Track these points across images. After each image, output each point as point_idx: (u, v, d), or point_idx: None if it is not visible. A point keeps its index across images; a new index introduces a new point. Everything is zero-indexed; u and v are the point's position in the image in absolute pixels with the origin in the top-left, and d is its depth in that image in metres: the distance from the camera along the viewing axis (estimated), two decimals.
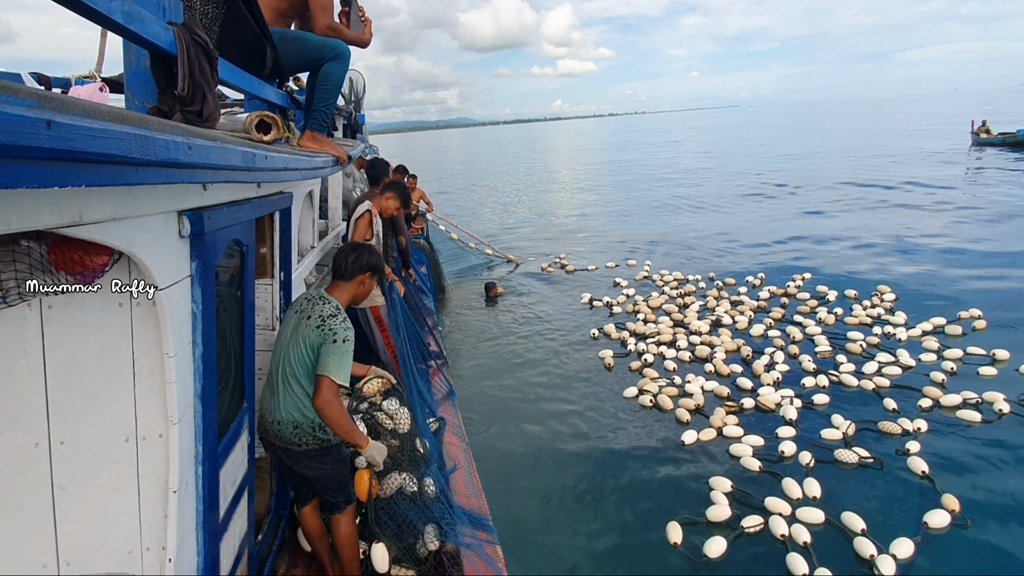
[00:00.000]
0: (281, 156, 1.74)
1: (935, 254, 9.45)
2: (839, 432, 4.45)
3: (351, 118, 6.59)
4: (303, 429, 2.39)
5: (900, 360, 5.55)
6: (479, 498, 3.11)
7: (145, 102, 1.64)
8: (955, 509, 3.58)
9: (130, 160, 0.77)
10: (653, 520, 3.71)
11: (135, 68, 1.61)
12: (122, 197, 1.20)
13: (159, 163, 0.87)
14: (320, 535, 2.70)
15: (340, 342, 2.31)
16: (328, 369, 2.27)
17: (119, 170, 0.80)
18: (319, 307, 2.41)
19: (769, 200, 16.03)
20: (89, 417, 1.57)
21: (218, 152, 1.13)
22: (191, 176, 1.13)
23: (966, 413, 4.64)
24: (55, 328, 1.51)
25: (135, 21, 1.27)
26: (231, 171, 1.35)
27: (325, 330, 2.32)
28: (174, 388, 1.60)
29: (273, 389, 2.42)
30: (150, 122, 0.85)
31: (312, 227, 3.94)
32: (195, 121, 1.58)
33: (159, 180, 0.99)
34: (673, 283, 8.57)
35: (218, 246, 1.81)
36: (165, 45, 1.46)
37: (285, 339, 2.43)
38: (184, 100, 1.56)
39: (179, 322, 1.62)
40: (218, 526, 1.95)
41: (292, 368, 2.36)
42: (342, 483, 2.57)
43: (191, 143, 0.96)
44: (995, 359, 5.48)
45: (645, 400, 5.17)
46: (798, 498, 3.73)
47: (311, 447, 2.41)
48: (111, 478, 1.61)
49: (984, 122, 27.06)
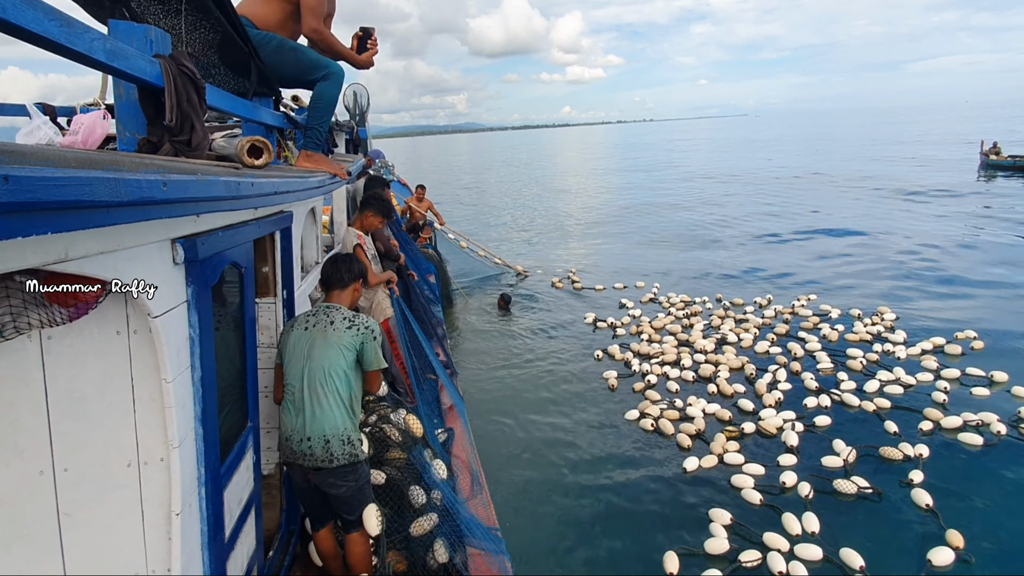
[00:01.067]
0: (270, 181, 1.77)
1: (936, 279, 9.38)
2: (840, 459, 4.41)
3: (352, 133, 6.62)
4: (333, 444, 2.43)
5: (900, 379, 5.53)
6: (488, 509, 3.11)
7: (136, 134, 1.67)
8: (959, 546, 3.51)
9: (99, 204, 0.80)
10: (652, 548, 3.72)
11: (125, 101, 1.64)
12: (109, 231, 1.23)
13: (131, 203, 0.89)
14: (335, 555, 2.74)
15: (378, 336, 2.59)
16: (380, 362, 2.57)
17: (89, 214, 0.82)
18: (336, 313, 2.58)
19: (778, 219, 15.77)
20: (91, 444, 1.61)
21: (197, 185, 1.15)
22: (170, 211, 1.15)
23: (967, 436, 4.60)
24: (55, 359, 1.55)
25: (118, 58, 1.30)
26: (214, 201, 1.37)
27: (361, 329, 2.54)
28: (173, 412, 1.63)
29: (298, 408, 2.47)
30: (121, 163, 0.87)
31: (316, 243, 3.97)
32: (184, 151, 1.61)
33: (135, 219, 1.01)
34: (680, 304, 8.53)
35: (214, 270, 1.84)
36: (151, 78, 1.49)
37: (301, 354, 2.50)
38: (173, 131, 1.59)
39: (176, 347, 1.65)
40: (224, 546, 1.98)
41: (324, 378, 2.44)
42: (362, 501, 2.60)
43: (166, 180, 0.98)
44: (993, 381, 5.46)
45: (646, 424, 5.16)
46: (797, 534, 3.69)
47: (341, 463, 2.45)
48: (115, 503, 1.65)
49: (995, 143, 25.42)
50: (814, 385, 5.54)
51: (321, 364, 2.45)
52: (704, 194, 21.32)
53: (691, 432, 4.94)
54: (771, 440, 4.85)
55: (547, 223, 18.60)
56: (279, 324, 2.87)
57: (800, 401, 5.32)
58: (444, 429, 3.84)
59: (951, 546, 3.50)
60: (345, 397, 2.48)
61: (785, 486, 4.16)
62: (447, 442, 3.71)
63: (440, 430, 3.81)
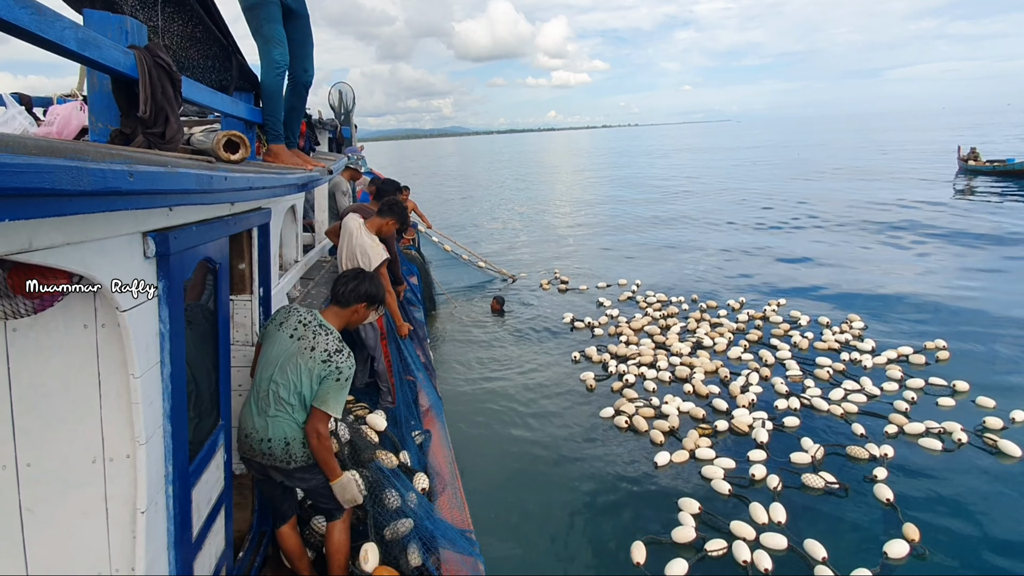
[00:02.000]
0: (245, 176, 1.75)
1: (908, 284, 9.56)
2: (808, 456, 4.53)
3: (336, 132, 6.59)
4: (294, 446, 2.40)
5: (864, 389, 5.65)
6: (462, 511, 3.10)
7: (109, 125, 1.65)
8: (915, 539, 3.62)
9: (61, 192, 0.78)
10: (620, 539, 3.76)
11: (98, 91, 1.62)
12: (76, 222, 1.21)
13: (94, 193, 0.88)
14: (300, 554, 2.69)
15: (344, 381, 2.41)
16: (327, 404, 2.37)
17: (50, 202, 0.81)
18: (322, 339, 2.44)
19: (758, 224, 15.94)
20: (56, 439, 1.57)
21: (166, 177, 1.14)
22: (137, 203, 1.14)
23: (928, 441, 4.74)
24: (20, 351, 1.52)
25: (90, 47, 1.28)
26: (185, 195, 1.36)
27: (332, 367, 2.39)
28: (140, 408, 1.61)
29: (261, 408, 2.42)
30: (85, 152, 0.86)
31: (296, 241, 3.95)
32: (157, 143, 1.59)
33: (100, 209, 1.00)
34: (656, 304, 8.62)
35: (186, 265, 1.82)
36: (125, 69, 1.48)
37: (277, 359, 2.43)
38: (146, 122, 1.58)
39: (145, 342, 1.62)
40: (191, 545, 1.95)
41: (288, 390, 2.38)
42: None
43: (133, 170, 0.97)
44: (955, 391, 5.60)
45: (621, 421, 5.22)
46: (764, 523, 3.77)
47: (299, 464, 2.43)
48: (79, 500, 1.61)
49: (973, 149, 25.35)
50: (784, 389, 5.64)
51: (291, 380, 2.38)
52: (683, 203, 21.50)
53: (664, 429, 5.01)
54: (743, 438, 4.94)
55: (529, 224, 18.70)
56: (255, 322, 2.84)
57: (771, 404, 5.43)
58: (422, 431, 3.83)
59: (907, 539, 3.61)
60: (298, 420, 2.41)
61: (755, 478, 4.24)
62: (424, 444, 3.70)
63: (417, 432, 3.80)
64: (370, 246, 3.95)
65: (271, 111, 2.89)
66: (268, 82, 2.85)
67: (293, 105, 2.94)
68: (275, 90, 2.86)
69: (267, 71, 2.83)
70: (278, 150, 2.95)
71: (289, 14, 2.90)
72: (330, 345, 2.43)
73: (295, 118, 2.97)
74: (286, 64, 2.83)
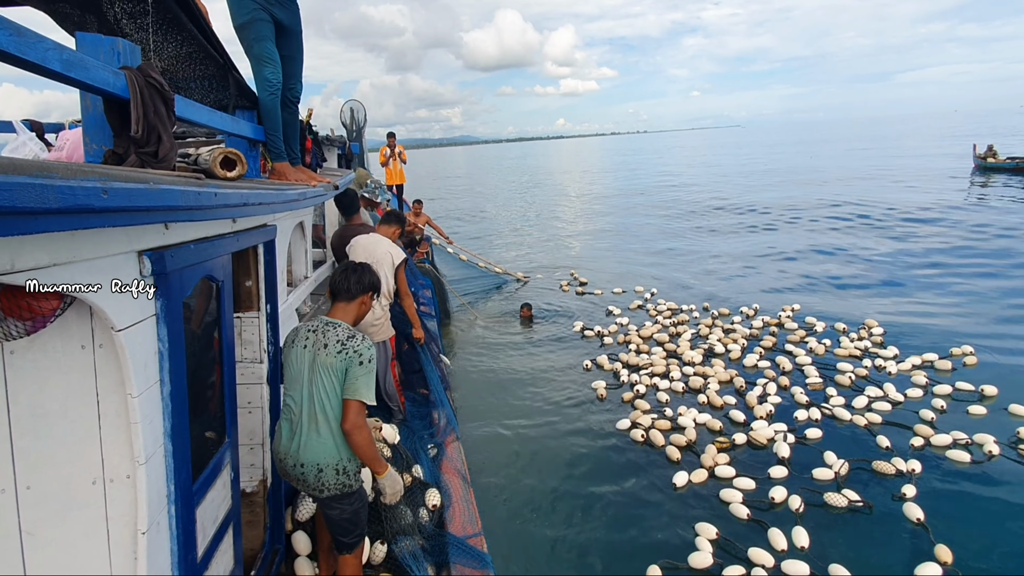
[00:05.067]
0: (239, 192, 1.75)
1: (928, 289, 9.29)
2: (831, 472, 4.34)
3: (345, 148, 6.64)
4: (326, 474, 2.36)
5: (888, 395, 5.45)
6: (475, 526, 3.05)
7: (103, 146, 1.66)
8: (947, 562, 3.42)
9: (20, 210, 0.77)
10: (636, 562, 3.64)
11: (91, 113, 1.63)
12: (62, 242, 1.21)
13: (63, 211, 0.87)
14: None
15: (366, 363, 2.34)
16: (358, 392, 2.31)
17: (16, 220, 0.80)
18: (332, 332, 2.41)
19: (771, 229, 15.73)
20: (55, 461, 1.57)
21: (146, 194, 1.13)
22: (115, 220, 1.13)
23: (956, 454, 4.52)
24: (17, 373, 1.52)
25: (76, 68, 1.29)
26: (171, 211, 1.35)
27: (349, 353, 2.34)
28: (139, 428, 1.60)
29: (294, 430, 2.40)
30: (53, 170, 0.85)
31: (305, 257, 3.96)
32: (150, 162, 1.60)
33: (71, 227, 0.99)
34: (667, 312, 8.48)
35: (186, 284, 1.82)
36: (116, 90, 1.48)
37: (300, 376, 2.40)
38: (139, 142, 1.58)
39: (143, 361, 1.62)
40: (196, 565, 1.93)
41: (320, 404, 2.34)
42: (357, 525, 2.54)
43: (107, 187, 0.96)
44: (983, 395, 5.38)
45: (637, 435, 5.08)
46: (783, 549, 3.61)
47: (332, 493, 2.39)
48: (79, 522, 1.61)
49: (990, 147, 24.64)
50: (804, 399, 5.46)
51: (318, 390, 2.35)
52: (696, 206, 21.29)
53: (681, 443, 4.87)
54: (762, 451, 4.78)
55: (543, 230, 18.71)
56: (263, 339, 2.84)
57: (790, 414, 5.24)
58: (435, 444, 3.79)
59: (939, 561, 3.42)
60: (337, 425, 2.36)
61: (774, 501, 4.08)
62: (437, 457, 3.66)
63: (431, 445, 3.77)
64: (391, 247, 4.15)
65: (270, 129, 2.90)
66: (264, 101, 2.87)
67: (286, 121, 2.95)
68: (271, 108, 2.88)
69: (261, 90, 2.86)
70: (282, 168, 2.97)
71: (281, 31, 2.92)
72: (341, 335, 2.38)
73: (291, 134, 2.98)
74: (279, 82, 2.84)
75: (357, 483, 2.46)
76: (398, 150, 11.23)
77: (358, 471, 2.47)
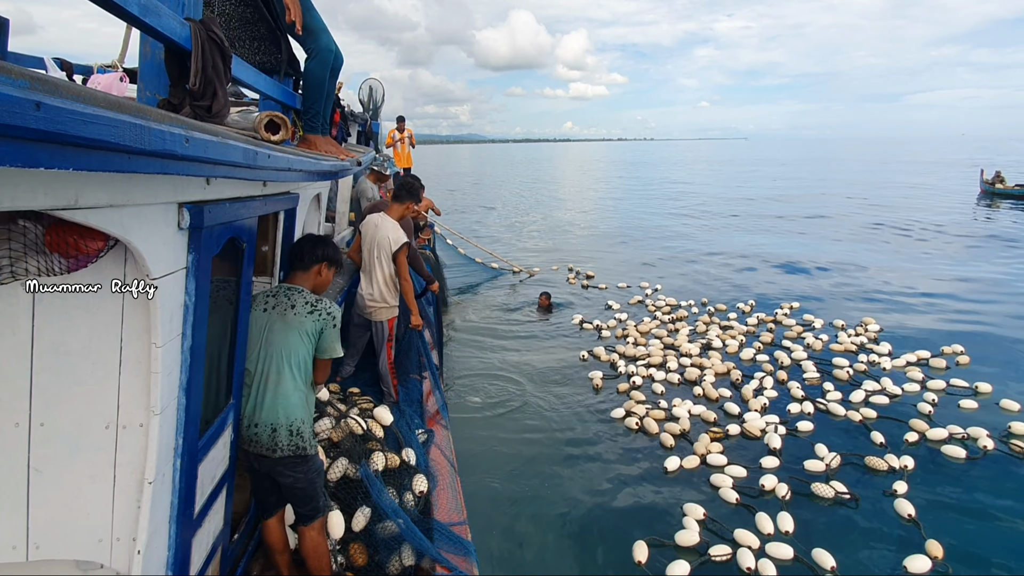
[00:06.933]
0: (285, 156, 1.76)
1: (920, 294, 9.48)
2: (822, 464, 4.40)
3: (366, 125, 6.61)
4: (279, 433, 2.35)
5: (885, 389, 5.55)
6: (460, 514, 3.07)
7: (157, 94, 1.66)
8: (938, 556, 3.47)
9: (122, 148, 0.78)
10: (624, 540, 3.69)
11: (150, 60, 1.63)
12: (121, 184, 1.21)
13: (153, 153, 0.88)
14: (282, 549, 2.62)
15: (338, 324, 2.48)
16: (335, 351, 2.47)
17: (111, 156, 0.81)
18: (298, 296, 2.45)
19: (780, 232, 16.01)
20: (71, 402, 1.57)
21: (217, 147, 1.14)
22: (187, 168, 1.14)
23: (951, 448, 4.60)
24: (46, 309, 1.52)
25: (151, 14, 1.29)
26: (231, 167, 1.36)
27: (323, 314, 2.42)
28: (159, 378, 1.60)
29: (250, 392, 2.39)
30: (148, 112, 0.86)
31: (317, 230, 3.96)
32: (203, 116, 1.60)
33: (154, 170, 1.00)
34: (666, 308, 8.56)
35: (217, 241, 1.82)
36: (180, 40, 1.48)
37: (258, 339, 2.40)
38: (195, 94, 1.59)
39: (170, 313, 1.62)
40: (192, 521, 1.93)
41: (280, 363, 2.36)
42: (313, 494, 2.50)
43: (189, 136, 0.97)
44: (978, 392, 5.52)
45: (631, 423, 5.13)
46: (769, 533, 3.68)
47: (285, 453, 2.37)
48: (88, 464, 1.61)
49: (998, 172, 24.28)
50: (800, 394, 5.52)
51: (280, 349, 2.36)
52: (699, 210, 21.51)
53: (675, 432, 4.92)
54: (755, 442, 4.83)
55: (549, 227, 18.84)
56: None
57: (784, 408, 5.32)
58: (425, 429, 3.80)
59: (930, 555, 3.47)
60: (303, 385, 2.40)
61: (764, 489, 4.14)
62: (427, 442, 3.67)
63: (421, 430, 3.78)
64: (392, 231, 4.08)
65: (315, 100, 2.86)
66: (317, 71, 2.82)
67: (329, 91, 2.92)
68: (322, 80, 2.83)
69: (317, 59, 2.80)
70: (313, 138, 2.95)
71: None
72: (308, 298, 2.45)
73: (329, 104, 2.96)
74: (335, 50, 2.82)
75: (312, 449, 2.43)
76: (407, 133, 11.20)
77: (312, 435, 2.47)
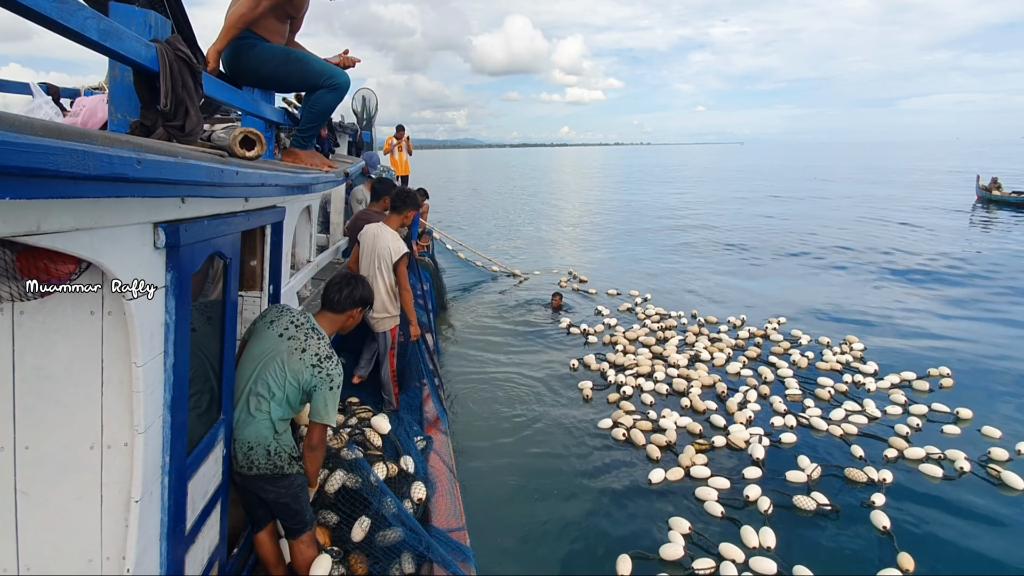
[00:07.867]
0: (258, 172, 1.77)
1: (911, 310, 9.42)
2: (804, 475, 4.45)
3: (356, 136, 6.65)
4: (256, 452, 2.36)
5: (866, 410, 5.56)
6: (459, 520, 3.08)
7: (128, 116, 1.67)
8: (909, 569, 3.53)
9: (63, 175, 0.79)
10: (609, 553, 3.71)
11: (119, 83, 1.65)
12: (87, 208, 1.23)
13: (100, 178, 0.89)
14: (275, 563, 2.63)
15: (336, 388, 2.39)
16: (328, 416, 2.37)
17: (54, 183, 0.82)
18: (313, 343, 2.41)
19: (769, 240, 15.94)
20: (55, 424, 1.58)
21: (175, 168, 1.15)
22: (144, 191, 1.15)
23: (929, 468, 4.63)
24: (26, 333, 1.53)
25: (111, 38, 1.31)
26: (195, 186, 1.37)
27: (322, 375, 2.36)
28: (141, 397, 1.61)
29: (234, 407, 2.39)
30: (93, 137, 0.87)
31: (310, 241, 3.98)
32: (177, 136, 1.61)
33: (106, 194, 1.01)
34: (655, 317, 8.58)
35: (196, 258, 1.83)
36: (146, 62, 1.50)
37: (261, 357, 2.40)
38: (167, 115, 1.60)
39: (150, 332, 1.63)
40: (185, 538, 1.95)
41: (266, 390, 2.35)
42: (298, 509, 2.50)
43: (141, 158, 0.98)
44: (959, 418, 5.50)
45: (618, 434, 5.16)
46: (754, 546, 3.70)
47: (261, 472, 2.37)
48: (74, 485, 1.62)
49: (994, 179, 23.80)
50: (782, 408, 5.56)
51: (272, 378, 2.35)
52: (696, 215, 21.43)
53: (661, 444, 4.96)
54: (739, 453, 4.88)
55: (543, 232, 18.92)
56: None
57: (768, 421, 5.37)
58: (424, 437, 3.81)
59: (901, 568, 3.53)
60: (276, 419, 2.37)
61: (748, 499, 4.18)
62: (426, 450, 3.68)
63: (420, 437, 3.79)
64: (392, 241, 4.12)
65: (316, 123, 2.91)
66: (329, 101, 2.86)
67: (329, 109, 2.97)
68: (331, 109, 2.90)
69: (335, 92, 2.85)
70: (298, 151, 2.97)
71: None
72: (321, 350, 2.39)
73: (324, 121, 3.00)
74: (348, 85, 2.88)
75: (291, 468, 2.42)
76: (404, 140, 11.27)
77: (292, 457, 2.43)
